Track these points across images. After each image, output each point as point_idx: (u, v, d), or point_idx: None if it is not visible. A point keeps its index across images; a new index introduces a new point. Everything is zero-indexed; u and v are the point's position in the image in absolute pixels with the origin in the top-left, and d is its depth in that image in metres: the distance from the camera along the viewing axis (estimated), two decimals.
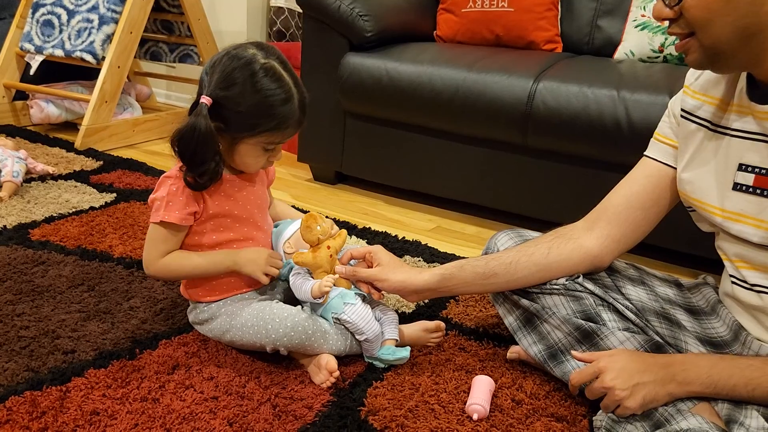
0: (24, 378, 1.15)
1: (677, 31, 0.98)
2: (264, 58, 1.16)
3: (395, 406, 1.14)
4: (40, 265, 1.56)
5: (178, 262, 1.23)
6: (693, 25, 0.95)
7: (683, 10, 0.94)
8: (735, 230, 1.05)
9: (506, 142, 1.97)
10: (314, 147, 2.38)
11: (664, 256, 1.88)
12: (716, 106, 1.09)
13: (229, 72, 1.14)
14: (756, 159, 1.02)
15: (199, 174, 1.16)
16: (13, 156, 2.07)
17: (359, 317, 1.21)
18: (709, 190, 1.09)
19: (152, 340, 1.29)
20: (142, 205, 2.00)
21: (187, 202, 1.20)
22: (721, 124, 1.08)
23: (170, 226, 1.21)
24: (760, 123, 1.01)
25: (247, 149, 1.19)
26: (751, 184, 1.03)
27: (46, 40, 2.76)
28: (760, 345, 1.09)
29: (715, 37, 0.94)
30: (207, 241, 1.25)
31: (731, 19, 0.91)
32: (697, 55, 0.98)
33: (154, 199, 1.22)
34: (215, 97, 1.14)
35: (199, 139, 1.12)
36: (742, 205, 1.04)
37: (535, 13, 2.32)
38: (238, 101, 1.14)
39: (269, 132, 1.17)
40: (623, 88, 1.77)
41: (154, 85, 3.53)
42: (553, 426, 1.12)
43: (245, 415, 1.09)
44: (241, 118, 1.15)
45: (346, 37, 2.20)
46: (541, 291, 1.21)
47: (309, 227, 1.23)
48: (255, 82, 1.14)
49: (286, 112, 1.17)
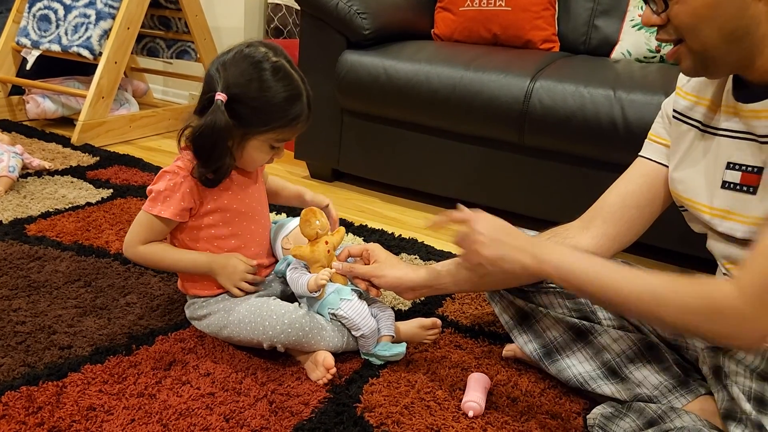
0: (20, 373, 1.15)
1: (665, 37, 0.99)
2: (275, 56, 1.18)
3: (391, 402, 1.15)
4: (37, 260, 1.56)
5: (159, 255, 1.26)
6: (681, 30, 0.96)
7: (670, 17, 0.95)
8: (723, 228, 1.07)
9: (503, 140, 1.98)
10: (311, 144, 2.38)
11: (659, 255, 1.89)
12: (707, 107, 1.10)
13: (244, 69, 1.16)
14: (742, 157, 1.03)
15: (214, 170, 1.19)
16: (10, 151, 2.07)
17: (355, 313, 1.21)
18: (699, 189, 1.10)
19: (149, 336, 1.29)
20: (138, 201, 2.00)
21: (183, 198, 1.21)
22: (711, 124, 1.09)
23: (162, 219, 1.22)
24: (745, 122, 1.02)
25: (256, 145, 1.21)
26: (738, 182, 1.04)
27: (43, 35, 2.75)
28: None
29: (703, 42, 0.95)
30: (205, 235, 1.26)
31: (718, 24, 0.92)
32: (689, 62, 0.99)
33: (151, 191, 1.23)
34: (230, 93, 1.16)
35: (219, 135, 1.15)
36: (730, 203, 1.06)
37: (532, 12, 2.32)
38: (253, 97, 1.16)
39: (280, 128, 1.19)
40: (619, 88, 1.78)
41: (151, 81, 3.52)
42: (548, 423, 1.13)
43: (242, 411, 1.10)
44: (255, 114, 1.17)
45: (343, 34, 2.20)
46: (537, 289, 1.22)
47: (308, 221, 1.24)
48: (269, 79, 1.16)
49: (297, 109, 1.19)
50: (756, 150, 1.01)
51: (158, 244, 1.26)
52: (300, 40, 2.31)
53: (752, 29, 0.92)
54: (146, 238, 1.24)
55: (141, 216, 1.25)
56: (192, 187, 1.21)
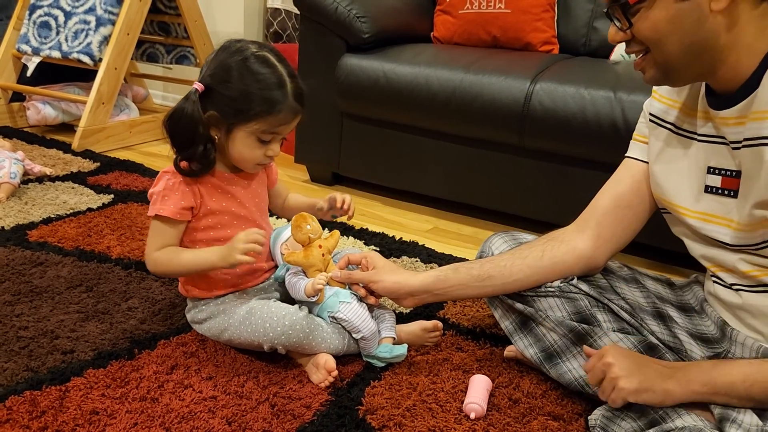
0: (23, 378, 1.15)
1: (635, 49, 1.05)
2: (257, 49, 1.20)
3: (393, 405, 1.15)
4: (39, 266, 1.56)
5: (168, 256, 1.23)
6: (646, 44, 1.02)
7: (634, 33, 1.01)
8: (707, 230, 1.09)
9: (503, 143, 1.98)
10: (311, 148, 2.38)
11: (658, 256, 1.89)
12: (679, 110, 1.14)
13: (222, 59, 1.19)
14: (721, 161, 1.07)
15: (188, 157, 1.20)
16: (11, 157, 2.07)
17: (355, 315, 1.22)
18: (681, 193, 1.14)
19: (151, 340, 1.30)
20: (139, 206, 2.00)
21: (182, 197, 1.21)
22: (684, 127, 1.14)
23: (165, 220, 1.22)
24: (718, 128, 1.06)
25: (241, 137, 1.20)
26: (719, 186, 1.08)
27: (43, 42, 2.76)
28: (745, 337, 1.10)
29: (666, 54, 1.01)
30: (203, 237, 1.26)
31: (678, 38, 0.98)
32: (652, 72, 1.05)
33: (152, 194, 1.24)
34: (207, 83, 1.18)
35: (186, 121, 1.17)
36: (713, 206, 1.09)
37: (531, 14, 2.33)
38: (228, 85, 1.17)
39: (261, 118, 1.18)
40: (620, 90, 1.78)
41: (151, 86, 3.53)
42: (549, 424, 1.13)
43: (244, 414, 1.10)
44: (233, 103, 1.17)
45: (343, 38, 2.21)
46: (536, 294, 1.22)
47: (299, 227, 1.24)
48: (246, 67, 1.17)
49: (278, 97, 1.18)
50: (731, 155, 1.04)
51: (171, 247, 1.24)
52: (299, 44, 2.32)
53: (712, 41, 0.97)
54: (158, 243, 1.23)
55: (151, 225, 1.25)
56: (191, 185, 1.22)
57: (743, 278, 1.08)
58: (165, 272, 1.28)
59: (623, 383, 1.01)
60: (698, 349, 1.17)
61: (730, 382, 1.00)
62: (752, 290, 1.07)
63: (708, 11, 0.95)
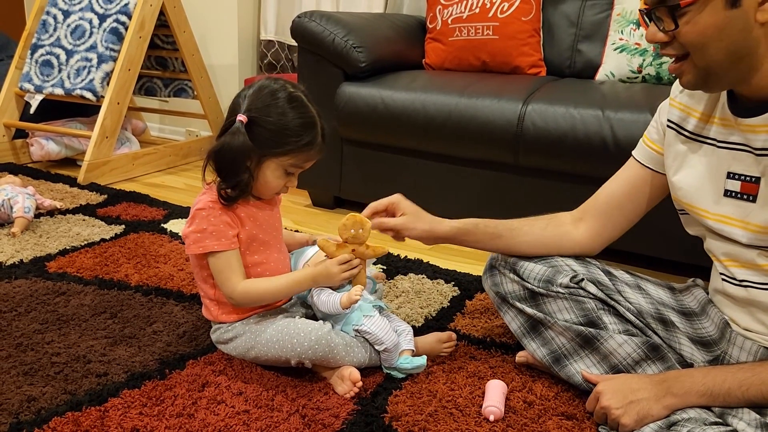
0: (63, 400, 1.21)
1: (671, 52, 1.07)
2: (292, 88, 1.29)
3: (416, 411, 1.22)
4: (61, 295, 1.62)
5: (260, 285, 1.31)
6: (688, 48, 1.04)
7: (678, 35, 1.03)
8: (725, 232, 1.15)
9: (499, 162, 2.07)
10: (312, 173, 2.40)
11: (656, 264, 1.97)
12: (698, 118, 1.19)
13: (263, 97, 1.27)
14: (742, 168, 1.12)
15: (232, 186, 1.27)
16: (24, 192, 2.13)
17: (378, 328, 1.29)
18: (700, 196, 1.19)
19: (179, 360, 1.36)
20: (151, 235, 2.06)
21: (229, 226, 1.29)
22: (703, 134, 1.19)
23: (227, 254, 1.29)
24: (743, 135, 1.10)
25: (272, 168, 1.29)
26: (739, 191, 1.13)
27: (46, 80, 2.83)
28: (743, 340, 1.18)
29: (708, 60, 1.03)
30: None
31: (724, 44, 1.00)
32: (690, 77, 1.07)
33: (196, 231, 1.29)
34: (250, 117, 1.26)
35: (237, 151, 1.24)
36: (731, 210, 1.14)
37: (518, 39, 2.44)
38: (271, 121, 1.25)
39: (295, 152, 1.28)
40: (607, 108, 1.88)
41: (148, 119, 3.60)
42: (564, 424, 1.20)
43: (277, 425, 1.16)
44: (272, 137, 1.26)
45: (340, 68, 2.29)
46: (547, 293, 1.29)
47: (345, 225, 1.31)
48: (286, 105, 1.26)
49: (311, 136, 1.28)
50: (753, 161, 1.10)
51: (255, 279, 1.33)
52: (298, 75, 2.40)
53: (753, 49, 1.01)
54: (236, 275, 1.30)
55: (213, 262, 1.30)
56: (230, 214, 1.30)
57: (759, 273, 1.13)
58: (256, 301, 1.34)
59: (625, 420, 1.11)
60: (699, 354, 1.25)
61: (726, 389, 1.09)
62: (762, 287, 1.13)
63: (753, 21, 0.98)
